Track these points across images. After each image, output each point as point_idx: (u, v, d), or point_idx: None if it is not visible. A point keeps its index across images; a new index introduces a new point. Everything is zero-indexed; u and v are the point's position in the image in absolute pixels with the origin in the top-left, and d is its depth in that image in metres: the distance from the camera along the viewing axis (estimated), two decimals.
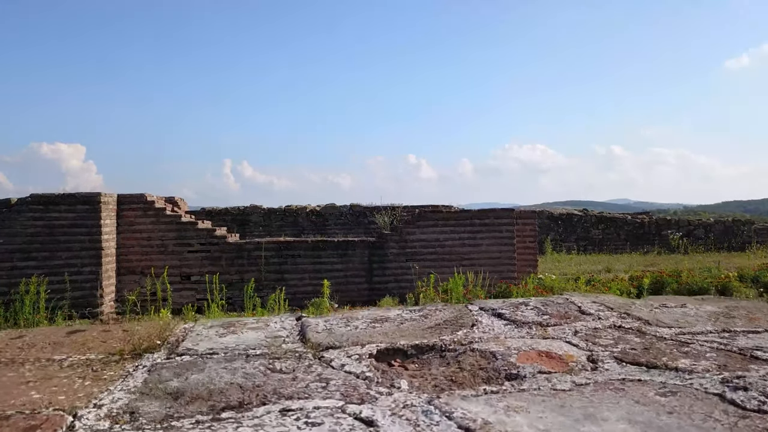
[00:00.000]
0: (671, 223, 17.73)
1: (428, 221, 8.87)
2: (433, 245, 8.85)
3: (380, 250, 8.77)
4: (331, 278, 8.63)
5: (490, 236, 8.97)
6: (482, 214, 9.00)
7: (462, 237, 8.90)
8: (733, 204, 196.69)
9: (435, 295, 7.65)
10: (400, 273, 8.79)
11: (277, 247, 8.55)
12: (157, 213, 8.37)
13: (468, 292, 7.70)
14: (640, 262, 14.27)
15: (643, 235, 17.51)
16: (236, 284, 8.47)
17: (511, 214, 9.10)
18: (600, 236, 17.41)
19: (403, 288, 8.75)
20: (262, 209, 14.86)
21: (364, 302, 8.60)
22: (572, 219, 17.41)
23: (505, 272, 8.97)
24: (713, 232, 17.61)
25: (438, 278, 8.76)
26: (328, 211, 15.10)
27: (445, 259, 8.85)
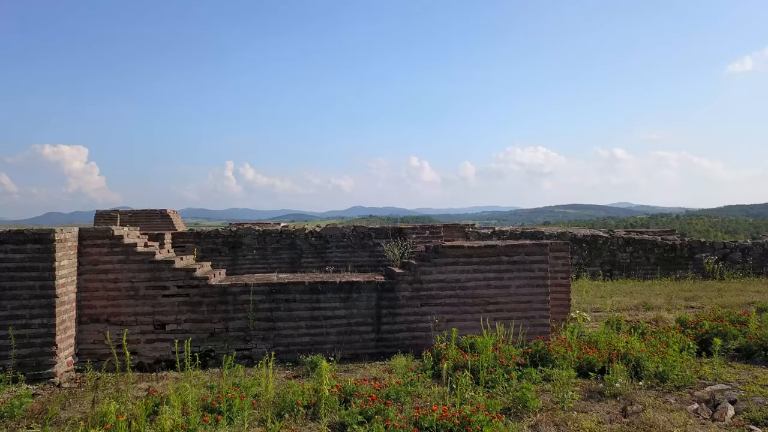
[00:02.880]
0: (705, 246, 16.29)
1: (447, 257, 7.50)
2: (453, 287, 7.48)
3: (390, 293, 7.40)
4: (332, 327, 7.29)
5: (520, 276, 7.60)
6: (511, 249, 7.63)
7: (487, 277, 7.53)
8: (735, 208, 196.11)
9: (459, 354, 6.29)
10: (414, 321, 7.42)
11: (267, 289, 7.20)
12: (127, 250, 7.03)
13: (498, 352, 6.33)
14: (677, 292, 12.85)
15: (674, 259, 16.07)
16: (219, 335, 7.12)
17: (545, 249, 7.72)
18: (628, 260, 15.98)
19: (418, 339, 7.38)
20: (256, 231, 13.50)
21: (371, 356, 7.24)
22: (597, 241, 15.98)
23: (537, 319, 7.59)
24: (751, 256, 16.16)
25: (461, 327, 7.42)
26: (329, 233, 13.74)
27: (467, 304, 7.48)
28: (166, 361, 6.95)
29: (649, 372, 5.96)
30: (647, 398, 5.32)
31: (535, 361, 6.43)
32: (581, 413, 5.00)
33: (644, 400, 5.22)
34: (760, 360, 6.78)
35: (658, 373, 5.93)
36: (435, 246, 7.69)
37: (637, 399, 5.28)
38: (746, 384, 5.77)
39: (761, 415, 4.79)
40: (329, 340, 7.27)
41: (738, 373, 6.25)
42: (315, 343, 7.23)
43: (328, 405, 4.97)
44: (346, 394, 5.23)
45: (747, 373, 6.22)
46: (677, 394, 5.54)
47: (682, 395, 5.50)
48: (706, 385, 5.75)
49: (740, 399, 5.26)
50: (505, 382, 5.70)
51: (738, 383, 5.82)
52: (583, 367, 6.21)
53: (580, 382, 5.90)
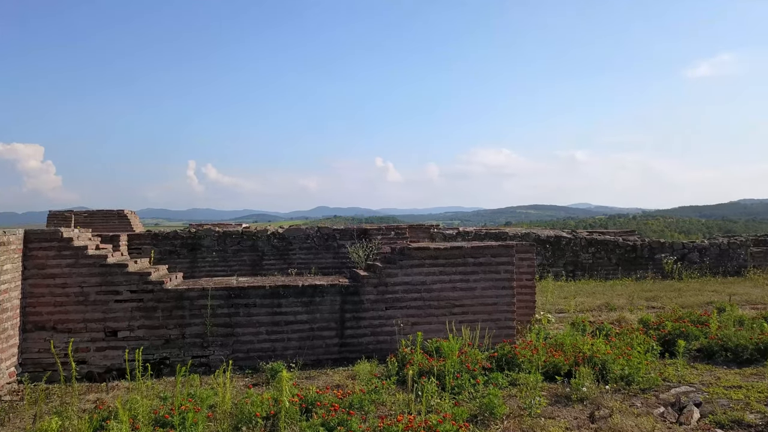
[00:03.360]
0: (664, 247, 16.58)
1: (413, 259, 7.35)
2: (418, 289, 7.33)
3: (355, 296, 7.21)
4: (294, 332, 7.06)
5: (485, 278, 7.49)
6: (477, 251, 7.52)
7: (453, 279, 7.40)
8: (689, 209, 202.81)
9: (424, 359, 6.14)
10: (379, 325, 7.24)
11: (226, 293, 6.92)
12: (76, 253, 6.66)
13: (464, 356, 6.20)
14: (638, 292, 13.00)
15: (635, 259, 16.30)
16: (175, 341, 6.81)
17: (511, 251, 7.64)
18: (590, 260, 16.14)
19: (383, 344, 7.20)
20: (216, 232, 13.12)
21: (334, 362, 7.04)
22: (560, 242, 16.09)
23: (503, 321, 7.50)
24: (708, 256, 16.52)
25: (427, 330, 7.27)
26: (292, 234, 13.45)
27: (432, 307, 7.34)
28: (117, 370, 6.61)
29: (615, 375, 5.92)
30: (614, 402, 5.26)
31: (502, 365, 6.32)
32: (549, 419, 4.90)
33: (611, 405, 5.16)
34: (721, 360, 6.83)
35: (624, 375, 5.89)
36: (401, 247, 7.53)
37: (604, 403, 5.21)
38: (710, 385, 5.77)
39: (726, 418, 4.77)
40: (291, 345, 7.03)
41: (701, 374, 6.26)
42: (276, 349, 6.99)
43: (289, 416, 4.75)
44: (308, 403, 5.02)
45: (709, 374, 6.24)
46: (643, 397, 5.50)
47: (647, 398, 5.46)
48: (671, 388, 5.74)
49: (705, 401, 5.25)
50: (471, 388, 5.57)
51: (702, 385, 5.82)
52: (549, 370, 6.13)
53: (547, 386, 5.82)
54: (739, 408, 5.02)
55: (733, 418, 4.76)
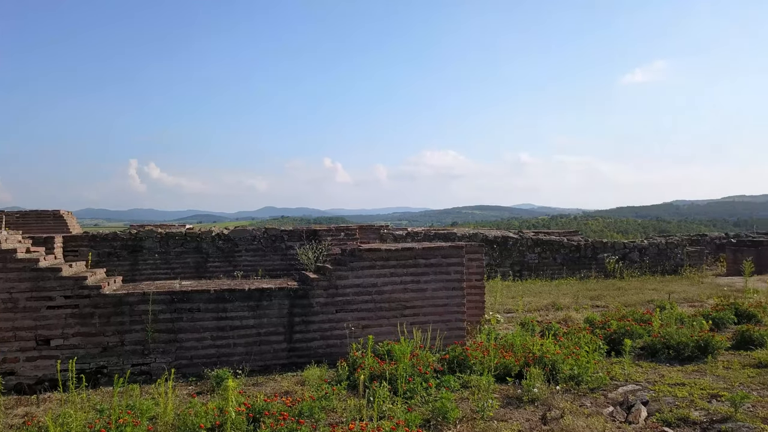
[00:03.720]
0: (607, 246, 17.06)
1: (364, 261, 7.22)
2: (369, 291, 7.21)
3: (304, 300, 7.03)
4: (241, 337, 6.83)
5: (436, 279, 7.45)
6: (428, 252, 7.46)
7: (404, 281, 7.32)
8: (626, 209, 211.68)
9: (375, 363, 6.03)
10: (329, 328, 7.09)
11: (169, 298, 6.62)
12: (4, 256, 6.24)
13: (416, 359, 6.12)
14: (582, 291, 13.29)
15: (579, 259, 16.70)
16: (113, 349, 6.47)
17: (461, 252, 7.63)
18: (536, 260, 16.42)
19: (333, 348, 7.05)
20: (158, 233, 12.64)
21: (283, 367, 6.84)
22: (507, 242, 16.31)
23: (453, 322, 7.47)
24: (647, 255, 17.09)
25: (378, 333, 7.16)
26: (237, 235, 13.10)
27: (383, 309, 7.24)
28: (50, 380, 6.22)
29: (565, 375, 5.96)
30: (565, 403, 5.29)
31: (453, 367, 6.28)
32: (501, 422, 4.87)
33: (562, 405, 5.18)
34: (664, 358, 7.00)
35: (573, 375, 5.94)
36: (351, 249, 7.40)
37: (555, 404, 5.23)
38: (655, 383, 5.88)
39: (673, 416, 4.85)
40: (237, 351, 6.79)
41: (646, 372, 6.39)
42: (221, 355, 6.73)
43: (235, 427, 4.54)
44: (255, 413, 4.81)
45: (654, 372, 6.38)
46: (592, 396, 5.56)
47: (596, 398, 5.52)
48: (619, 386, 5.82)
49: (652, 399, 5.34)
50: (423, 392, 5.49)
51: (647, 383, 5.93)
52: (500, 371, 6.13)
53: (498, 387, 5.81)
54: (684, 405, 5.13)
55: (680, 416, 4.85)
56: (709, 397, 5.35)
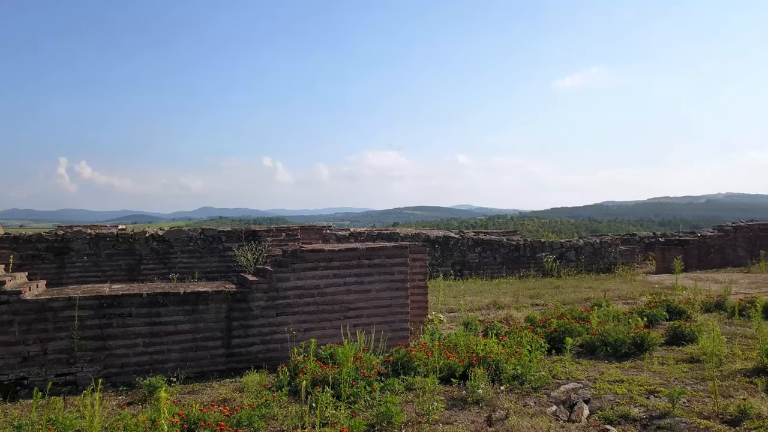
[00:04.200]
0: (545, 246, 17.44)
1: (306, 262, 7.03)
2: (311, 294, 7.02)
3: (243, 303, 6.77)
4: (176, 343, 6.52)
5: (380, 279, 7.34)
6: (372, 252, 7.34)
7: (348, 282, 7.17)
8: (560, 210, 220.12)
9: (318, 367, 5.85)
10: (269, 332, 6.85)
11: (97, 303, 6.23)
12: None
13: (360, 362, 5.99)
14: (522, 290, 13.50)
15: (518, 258, 16.99)
16: (35, 358, 6.03)
17: (405, 252, 7.55)
18: (477, 260, 16.60)
19: (273, 352, 6.83)
20: (87, 234, 11.99)
21: (221, 373, 6.56)
22: (449, 242, 16.41)
23: (397, 323, 7.38)
24: (583, 254, 17.58)
25: (320, 336, 6.98)
26: (173, 236, 12.59)
27: (326, 311, 7.07)
28: None
29: (508, 375, 5.97)
30: (509, 403, 5.27)
31: (398, 369, 6.18)
32: (446, 425, 4.80)
33: (507, 406, 5.16)
34: (602, 355, 7.13)
35: (517, 375, 5.95)
36: (293, 250, 7.19)
37: (500, 404, 5.21)
38: (596, 381, 5.97)
39: (614, 414, 4.91)
40: (172, 358, 6.47)
41: (586, 369, 6.48)
42: (155, 362, 6.39)
43: None
44: (190, 423, 4.56)
45: (594, 370, 6.48)
46: (536, 396, 5.57)
47: (540, 397, 5.54)
48: (561, 385, 5.87)
49: (593, 397, 5.40)
50: (367, 396, 5.36)
51: (588, 380, 6.01)
52: (444, 373, 6.07)
53: (443, 389, 5.74)
54: (624, 402, 5.20)
55: (620, 413, 4.91)
56: (648, 393, 5.45)
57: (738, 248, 19.62)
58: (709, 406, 4.99)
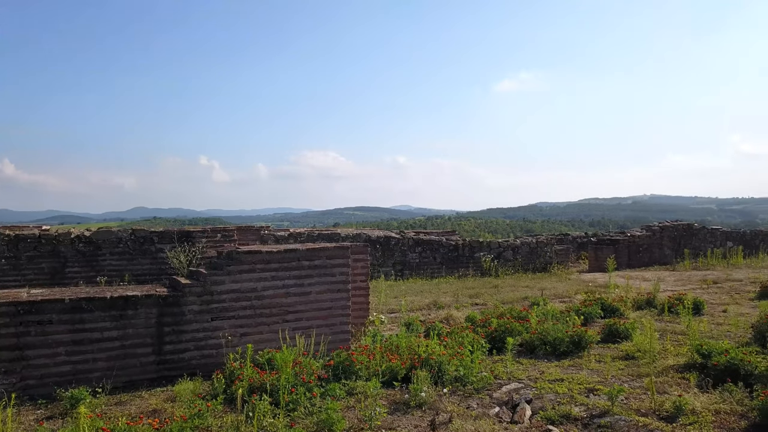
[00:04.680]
0: (483, 246, 17.67)
1: (243, 264, 6.76)
2: (248, 297, 6.76)
3: (175, 307, 6.43)
4: (102, 351, 6.13)
5: (321, 281, 7.15)
6: (312, 253, 7.14)
7: (287, 284, 6.94)
8: (496, 211, 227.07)
9: (255, 374, 5.61)
10: (204, 338, 6.54)
11: (13, 309, 5.76)
12: None
13: (299, 367, 5.78)
14: (461, 289, 13.59)
15: (457, 258, 17.13)
16: None
17: (346, 252, 7.39)
18: (417, 260, 16.63)
19: (208, 359, 6.52)
20: (6, 235, 11.21)
21: (152, 382, 6.21)
22: (390, 242, 16.36)
23: (338, 326, 7.21)
24: (520, 254, 17.92)
25: (258, 340, 6.72)
26: (101, 237, 11.95)
27: (264, 315, 6.82)
28: None
29: (451, 376, 5.91)
30: (452, 406, 5.21)
31: (339, 373, 6.01)
32: (389, 430, 4.68)
33: (450, 409, 5.10)
34: (542, 354, 7.20)
35: (459, 376, 5.90)
36: (228, 252, 6.89)
37: (443, 408, 5.13)
38: (536, 380, 5.99)
39: (556, 414, 4.92)
40: (98, 367, 6.07)
41: (527, 369, 6.51)
42: (79, 372, 5.97)
43: None
44: None
45: (534, 369, 6.52)
46: (478, 397, 5.53)
47: (482, 398, 5.50)
48: (503, 385, 5.86)
49: (535, 397, 5.41)
50: (307, 402, 5.18)
51: (529, 380, 6.03)
52: (387, 376, 5.95)
53: (385, 393, 5.62)
54: (565, 402, 5.23)
55: (562, 413, 4.93)
56: (587, 392, 5.51)
57: (664, 247, 20.50)
58: (646, 402, 5.08)
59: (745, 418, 4.67)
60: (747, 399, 5.02)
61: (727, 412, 4.79)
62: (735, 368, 5.58)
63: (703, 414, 4.71)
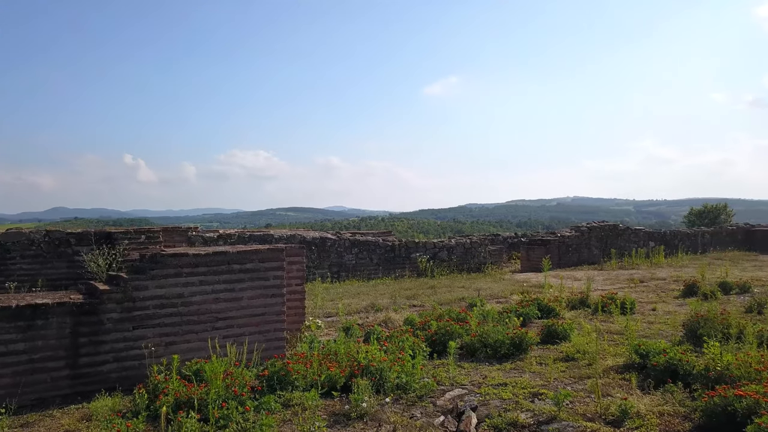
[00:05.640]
0: (419, 246, 17.58)
1: (168, 268, 6.26)
2: (174, 303, 6.26)
3: (92, 316, 5.86)
4: (7, 366, 5.53)
5: (254, 285, 6.74)
6: (244, 256, 6.71)
7: (216, 289, 6.49)
8: (427, 212, 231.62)
9: (182, 387, 5.16)
10: (124, 348, 6.00)
11: None
12: None
13: (231, 379, 5.38)
14: (398, 291, 13.40)
15: (393, 259, 16.96)
16: None
17: (281, 255, 7.01)
18: (353, 261, 16.32)
19: (130, 371, 5.99)
20: None
21: (65, 399, 5.63)
22: (326, 243, 15.98)
23: (272, 333, 6.82)
24: (455, 254, 17.96)
25: (185, 350, 6.24)
26: (10, 239, 10.96)
27: (192, 322, 6.34)
28: None
29: (392, 384, 5.66)
30: (394, 416, 4.95)
31: (274, 384, 5.63)
32: None
33: (393, 419, 4.84)
34: (483, 357, 7.07)
35: (401, 384, 5.66)
36: (152, 254, 6.37)
37: (385, 418, 4.87)
38: (480, 386, 5.82)
39: (503, 422, 4.75)
40: (2, 384, 5.43)
41: (469, 374, 6.35)
42: None
43: None
44: None
45: (476, 373, 6.36)
46: (421, 405, 5.30)
47: (426, 406, 5.27)
48: (446, 392, 5.66)
49: (480, 404, 5.23)
50: (240, 417, 4.78)
51: (473, 385, 5.86)
52: (325, 385, 5.63)
53: (324, 404, 5.30)
54: (511, 408, 5.07)
55: (509, 421, 4.76)
56: (532, 397, 5.39)
57: (592, 247, 21.13)
58: (591, 407, 5.00)
59: (688, 420, 4.66)
60: (688, 400, 5.03)
61: (670, 414, 4.77)
62: (674, 368, 5.61)
63: (648, 417, 4.66)
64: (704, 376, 5.26)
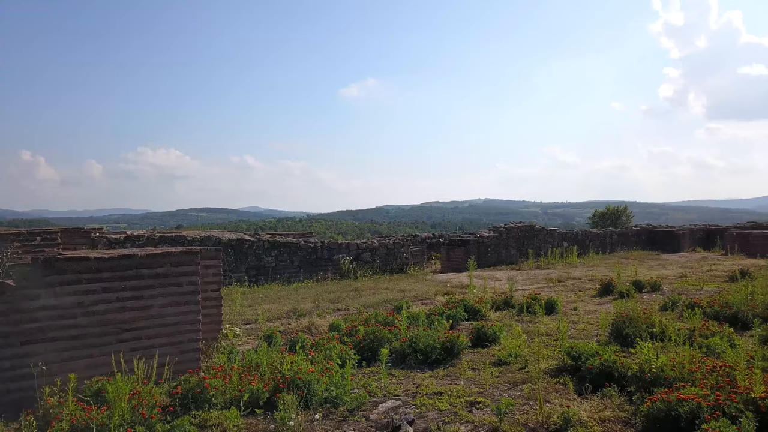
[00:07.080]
0: (342, 247, 17.16)
1: (65, 274, 5.52)
2: (73, 314, 5.53)
3: None
4: None
5: (165, 292, 6.10)
6: (154, 260, 6.06)
7: (122, 297, 5.81)
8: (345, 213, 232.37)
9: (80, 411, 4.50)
10: (11, 368, 5.21)
11: None
12: None
13: (138, 398, 4.76)
14: (321, 294, 12.92)
15: (315, 261, 16.44)
16: None
17: (196, 258, 6.40)
18: (273, 264, 15.65)
19: (18, 394, 5.21)
20: None
21: None
22: (243, 245, 15.21)
23: (186, 344, 6.22)
24: (378, 255, 17.68)
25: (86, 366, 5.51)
26: None
27: (93, 335, 5.63)
28: None
29: (321, 398, 5.23)
30: None
31: (188, 403, 5.05)
32: None
33: None
34: (413, 363, 6.78)
35: (331, 397, 5.24)
36: (46, 258, 5.60)
37: None
38: (415, 396, 5.49)
39: None
40: None
41: (401, 382, 6.02)
42: None
43: None
44: None
45: (409, 381, 6.04)
46: (354, 420, 4.90)
47: (359, 422, 4.88)
48: (378, 404, 5.29)
49: (417, 416, 4.89)
50: None
51: (407, 396, 5.52)
52: (247, 401, 5.12)
53: (246, 423, 4.80)
54: (450, 420, 4.78)
55: None
56: (470, 406, 5.12)
57: (510, 247, 21.53)
58: (532, 415, 4.79)
59: (629, 425, 4.54)
60: (627, 404, 4.94)
61: (612, 419, 4.64)
62: (609, 371, 5.53)
63: (590, 424, 4.50)
64: (640, 378, 5.20)
